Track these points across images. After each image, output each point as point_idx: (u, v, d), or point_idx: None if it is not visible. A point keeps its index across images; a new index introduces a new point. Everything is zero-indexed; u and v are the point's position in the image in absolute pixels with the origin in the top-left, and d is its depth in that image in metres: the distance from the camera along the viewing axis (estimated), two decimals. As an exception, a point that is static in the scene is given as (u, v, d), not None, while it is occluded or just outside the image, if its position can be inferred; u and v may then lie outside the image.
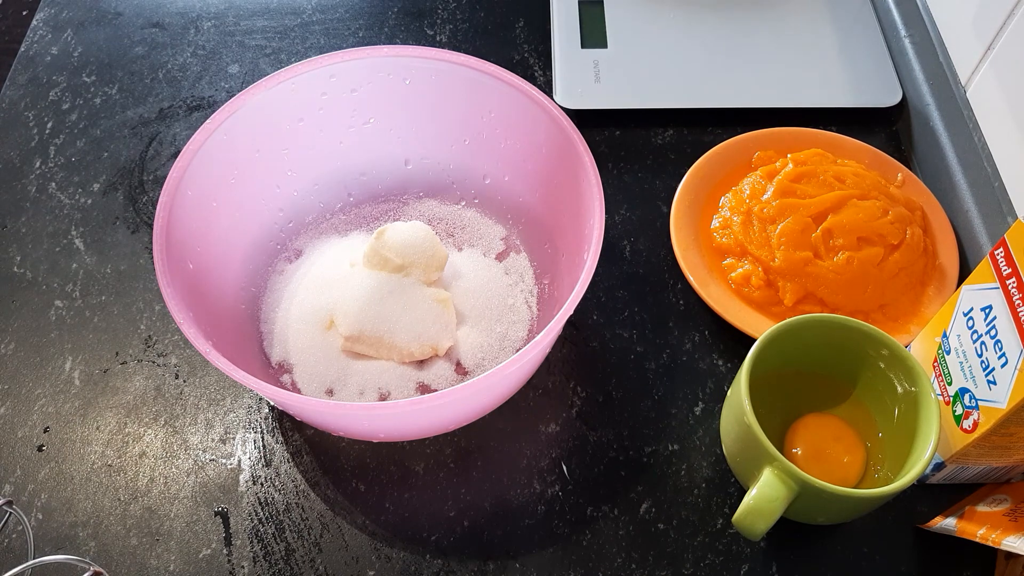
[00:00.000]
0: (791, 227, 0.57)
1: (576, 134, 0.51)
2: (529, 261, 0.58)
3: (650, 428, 0.54)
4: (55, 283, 0.59)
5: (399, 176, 0.61)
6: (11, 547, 0.49)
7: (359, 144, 0.59)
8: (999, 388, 0.43)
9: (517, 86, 0.53)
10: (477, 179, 0.60)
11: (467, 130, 0.58)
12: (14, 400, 0.55)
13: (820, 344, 0.50)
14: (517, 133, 0.56)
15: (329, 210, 0.60)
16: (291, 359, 0.54)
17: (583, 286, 0.45)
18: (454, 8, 0.75)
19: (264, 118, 0.54)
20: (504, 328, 0.55)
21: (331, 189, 0.60)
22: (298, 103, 0.55)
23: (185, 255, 0.49)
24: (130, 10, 0.75)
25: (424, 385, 0.53)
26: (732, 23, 0.72)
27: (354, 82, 0.56)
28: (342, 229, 0.60)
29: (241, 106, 0.53)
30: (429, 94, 0.56)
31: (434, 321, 0.53)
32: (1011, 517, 0.45)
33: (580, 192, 0.51)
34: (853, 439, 0.49)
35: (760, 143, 0.64)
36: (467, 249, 0.59)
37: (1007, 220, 0.55)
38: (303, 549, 0.50)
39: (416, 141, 0.59)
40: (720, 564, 0.49)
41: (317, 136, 0.57)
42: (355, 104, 0.57)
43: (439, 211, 0.61)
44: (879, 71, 0.68)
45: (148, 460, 0.53)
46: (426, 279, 0.54)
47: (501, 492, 0.52)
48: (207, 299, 0.50)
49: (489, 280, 0.57)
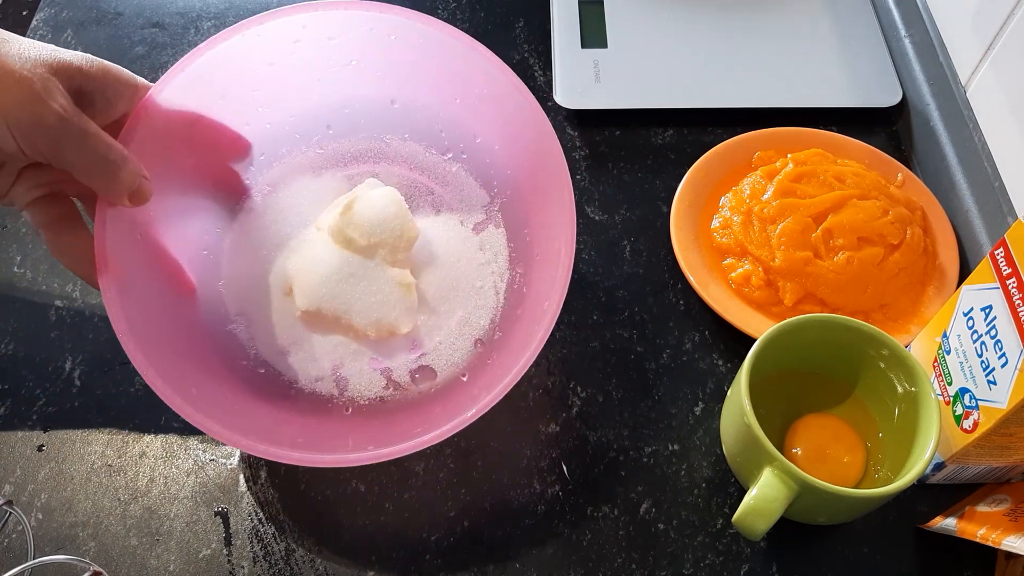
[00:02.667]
0: (791, 227, 0.57)
1: (556, 146, 0.50)
2: (507, 241, 0.55)
3: (650, 428, 0.54)
4: (55, 283, 0.59)
5: (384, 114, 0.57)
6: (11, 547, 0.49)
7: (340, 81, 0.55)
8: (999, 388, 0.43)
9: (508, 79, 0.52)
10: (468, 136, 0.56)
11: (459, 94, 0.55)
12: (14, 400, 0.55)
13: (820, 344, 0.50)
14: (504, 119, 0.54)
15: (306, 142, 0.57)
16: (249, 312, 0.53)
17: (543, 337, 0.45)
18: (454, 8, 0.75)
19: (228, 68, 0.52)
20: (467, 313, 0.54)
21: (308, 121, 0.57)
22: (266, 49, 0.53)
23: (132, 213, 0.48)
24: (130, 10, 0.75)
25: (377, 359, 0.53)
26: (732, 23, 0.72)
27: (330, 31, 0.53)
28: (318, 166, 0.57)
29: (206, 51, 0.50)
30: (419, 54, 0.54)
31: (395, 304, 0.52)
32: (1011, 517, 0.45)
33: (553, 210, 0.50)
34: (853, 439, 0.49)
35: (760, 143, 0.64)
36: (445, 214, 0.57)
37: (1007, 220, 0.55)
38: (303, 549, 0.50)
39: (406, 84, 0.56)
40: (720, 564, 0.49)
41: (291, 76, 0.55)
42: (332, 50, 0.54)
43: (423, 158, 0.58)
44: (879, 71, 0.68)
45: (148, 460, 0.53)
46: (392, 260, 0.53)
47: (501, 492, 0.52)
48: (162, 257, 0.50)
49: (461, 256, 0.55)
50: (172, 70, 0.50)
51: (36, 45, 0.41)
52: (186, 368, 0.48)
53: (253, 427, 0.47)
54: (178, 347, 0.49)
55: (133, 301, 0.46)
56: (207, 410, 0.45)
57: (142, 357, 0.44)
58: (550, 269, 0.49)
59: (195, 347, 0.50)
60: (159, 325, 0.48)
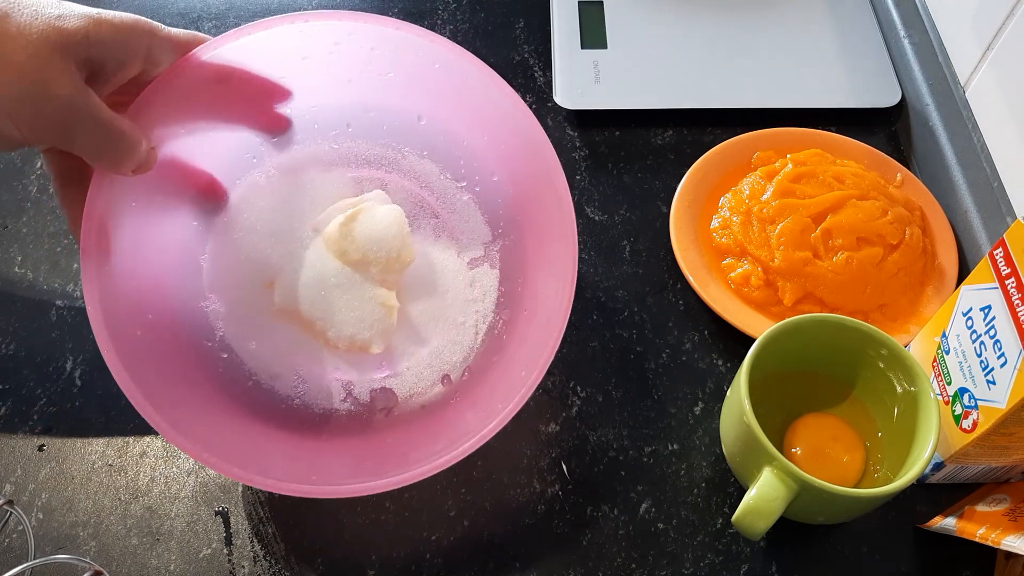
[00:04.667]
0: (790, 227, 0.57)
1: (568, 204, 0.49)
2: (498, 283, 0.54)
3: (650, 428, 0.54)
4: (56, 283, 0.60)
5: (407, 126, 0.55)
6: (11, 547, 0.49)
7: (370, 87, 0.54)
8: (998, 388, 0.43)
9: (540, 138, 0.50)
10: (486, 172, 0.55)
11: (487, 132, 0.54)
12: (15, 400, 0.55)
13: (820, 344, 0.50)
14: (527, 173, 0.53)
15: (322, 134, 0.55)
16: (226, 292, 0.52)
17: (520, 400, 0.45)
18: (454, 8, 0.75)
19: (265, 51, 0.50)
20: (442, 345, 0.53)
21: (329, 113, 0.55)
22: (307, 44, 0.51)
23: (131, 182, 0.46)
24: (130, 11, 0.75)
25: (340, 371, 0.52)
26: (732, 23, 0.72)
27: (374, 42, 0.52)
28: (328, 160, 0.56)
29: (244, 34, 0.49)
30: (462, 87, 0.52)
31: (373, 324, 0.52)
32: (1011, 517, 0.45)
33: (551, 281, 0.49)
34: (853, 439, 0.49)
35: (760, 143, 0.64)
36: (444, 241, 0.55)
37: (1006, 220, 0.55)
38: (303, 549, 0.50)
39: (437, 105, 0.54)
40: (720, 564, 0.49)
41: (323, 72, 0.53)
42: (372, 59, 0.52)
43: (436, 180, 0.56)
44: (879, 71, 0.68)
45: (148, 460, 0.53)
46: (381, 279, 0.52)
47: (501, 492, 0.52)
48: (152, 221, 0.49)
49: (449, 288, 0.54)
50: (210, 42, 0.48)
51: (40, 16, 0.39)
52: (153, 345, 0.46)
53: (207, 432, 0.46)
54: (147, 320, 0.47)
55: (109, 272, 0.45)
56: (164, 409, 0.44)
57: (107, 336, 0.44)
58: (537, 334, 0.48)
59: (163, 320, 0.49)
60: (130, 299, 0.47)
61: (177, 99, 0.47)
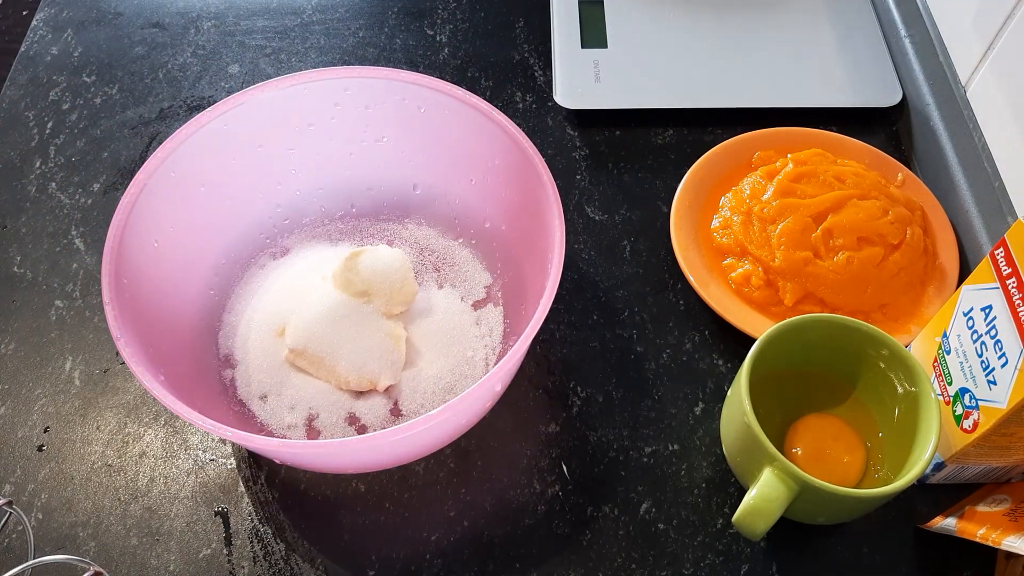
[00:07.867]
0: (791, 227, 0.57)
1: (560, 225, 0.49)
2: (503, 317, 0.56)
3: (650, 428, 0.54)
4: (55, 283, 0.60)
5: (405, 199, 0.60)
6: (11, 547, 0.49)
7: (370, 159, 0.59)
8: (999, 388, 0.43)
9: (522, 147, 0.52)
10: (478, 221, 0.58)
11: (474, 171, 0.56)
12: (14, 400, 0.55)
13: (820, 344, 0.50)
14: (514, 189, 0.54)
15: (329, 216, 0.60)
16: (236, 355, 0.54)
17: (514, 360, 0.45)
18: (454, 8, 0.75)
19: (271, 115, 0.54)
20: (453, 380, 0.53)
21: (335, 196, 0.60)
22: (309, 108, 0.55)
23: (150, 232, 0.50)
24: (130, 10, 0.75)
25: (354, 416, 0.53)
26: (732, 23, 0.72)
27: (368, 99, 0.56)
28: (335, 237, 0.60)
29: (245, 101, 0.53)
30: (442, 127, 0.56)
31: (380, 356, 0.52)
32: (1011, 517, 0.45)
33: (545, 271, 0.49)
34: (853, 439, 0.49)
35: (760, 143, 0.64)
36: (447, 288, 0.58)
37: (1007, 220, 0.55)
38: (303, 549, 0.50)
39: (427, 169, 0.59)
40: (720, 564, 0.49)
41: (327, 143, 0.57)
42: (368, 120, 0.57)
43: (435, 243, 0.60)
44: (879, 71, 0.68)
45: (148, 460, 0.53)
46: (387, 311, 0.53)
47: (501, 492, 0.52)
48: (167, 284, 0.51)
49: (456, 327, 0.55)
50: (219, 105, 0.52)
51: None
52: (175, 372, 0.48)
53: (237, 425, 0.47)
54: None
55: (137, 322, 0.47)
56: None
57: (144, 363, 0.44)
58: None
59: (182, 374, 0.50)
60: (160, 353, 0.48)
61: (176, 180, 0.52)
